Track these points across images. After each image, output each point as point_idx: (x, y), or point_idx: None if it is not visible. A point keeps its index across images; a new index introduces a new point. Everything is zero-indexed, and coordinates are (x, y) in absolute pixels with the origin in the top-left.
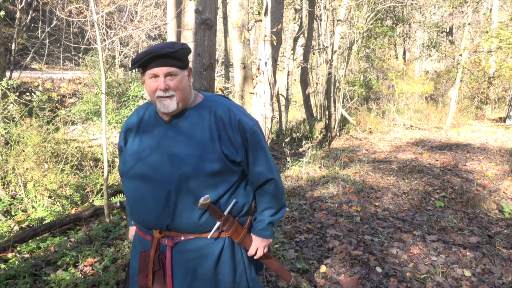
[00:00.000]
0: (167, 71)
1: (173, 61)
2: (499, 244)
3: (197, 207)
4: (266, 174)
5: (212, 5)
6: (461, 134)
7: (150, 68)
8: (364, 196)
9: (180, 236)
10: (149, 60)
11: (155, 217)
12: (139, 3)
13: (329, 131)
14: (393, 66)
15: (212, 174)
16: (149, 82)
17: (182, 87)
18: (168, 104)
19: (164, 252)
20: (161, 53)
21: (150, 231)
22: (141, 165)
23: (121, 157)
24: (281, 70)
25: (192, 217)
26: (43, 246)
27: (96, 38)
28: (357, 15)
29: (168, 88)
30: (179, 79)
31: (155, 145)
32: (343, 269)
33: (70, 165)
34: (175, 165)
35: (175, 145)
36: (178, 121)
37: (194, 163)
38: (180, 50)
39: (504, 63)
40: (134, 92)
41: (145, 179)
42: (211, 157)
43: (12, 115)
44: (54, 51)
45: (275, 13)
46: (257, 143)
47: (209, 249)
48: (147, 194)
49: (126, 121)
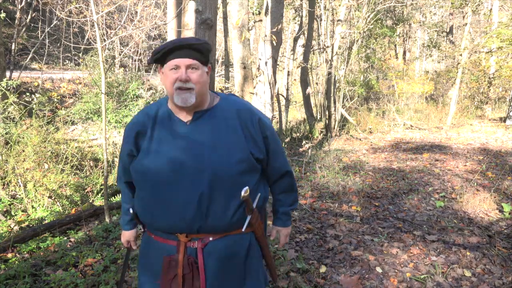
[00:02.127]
0: (190, 62)
1: (196, 54)
2: (499, 244)
3: (234, 203)
4: (284, 167)
5: (212, 5)
6: (461, 134)
7: (171, 59)
8: (364, 196)
9: (208, 237)
10: (171, 50)
11: (186, 221)
12: (139, 3)
13: (329, 131)
14: (393, 66)
15: (242, 173)
16: (169, 73)
17: (202, 82)
18: (187, 97)
19: (193, 255)
20: (186, 43)
21: (173, 235)
22: (167, 168)
23: (136, 162)
24: (281, 70)
25: (226, 216)
26: (43, 246)
27: (96, 38)
28: (357, 15)
29: (188, 80)
30: (200, 73)
31: (180, 147)
32: (343, 269)
33: (70, 165)
34: (206, 166)
35: (202, 146)
36: (201, 121)
37: (224, 163)
38: (204, 44)
39: (505, 63)
40: (132, 91)
41: (172, 183)
42: (240, 157)
43: (12, 116)
44: (54, 51)
45: (275, 13)
46: (276, 140)
47: (238, 246)
48: (175, 198)
49: (133, 123)
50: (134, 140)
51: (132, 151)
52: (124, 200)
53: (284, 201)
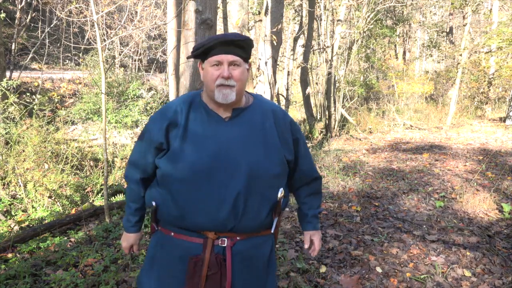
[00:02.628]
0: (232, 59)
1: (239, 50)
2: (499, 244)
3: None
4: (314, 172)
5: (212, 5)
6: (461, 134)
7: (214, 55)
8: (364, 196)
9: (236, 237)
10: (215, 46)
11: (219, 219)
12: (139, 3)
13: (329, 131)
14: (393, 66)
15: (277, 175)
16: (211, 69)
17: (243, 79)
18: (228, 93)
19: (220, 253)
20: (230, 39)
21: (199, 233)
22: (206, 164)
23: (170, 155)
24: (281, 70)
25: (259, 217)
26: (43, 246)
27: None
28: (357, 15)
29: (230, 77)
30: (241, 70)
31: (220, 143)
32: (343, 269)
33: (70, 165)
34: (244, 165)
35: (241, 145)
36: (239, 119)
37: (262, 163)
38: (247, 40)
39: (504, 63)
40: (133, 91)
41: (210, 179)
42: (277, 159)
43: (12, 116)
44: (54, 51)
45: (275, 13)
46: (305, 143)
47: (264, 247)
48: (211, 195)
49: (163, 114)
50: (165, 132)
51: (163, 144)
52: (132, 199)
53: (312, 204)
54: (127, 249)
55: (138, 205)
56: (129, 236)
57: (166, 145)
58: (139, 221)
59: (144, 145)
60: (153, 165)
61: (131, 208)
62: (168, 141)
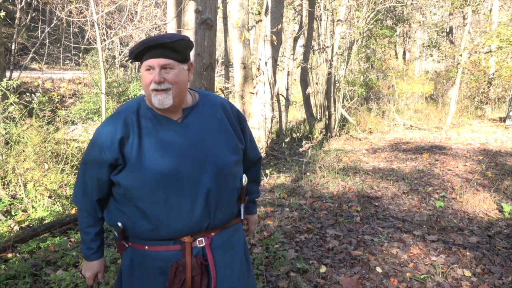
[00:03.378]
0: (163, 63)
1: (170, 53)
2: (499, 244)
3: (234, 195)
4: (257, 153)
5: (212, 5)
6: (461, 134)
7: (145, 59)
8: (364, 196)
9: (210, 233)
10: (144, 51)
11: (195, 221)
12: (139, 3)
13: (329, 131)
14: (393, 66)
15: (236, 163)
16: (145, 74)
17: (180, 81)
18: (163, 98)
19: (200, 254)
20: (157, 43)
21: (175, 240)
22: (171, 171)
23: (129, 170)
24: (281, 70)
25: (230, 209)
26: (43, 246)
27: (96, 38)
28: (357, 15)
29: (163, 81)
30: (176, 72)
31: (180, 147)
32: (343, 269)
33: (70, 165)
34: (209, 162)
35: (201, 142)
36: (191, 118)
37: (223, 156)
38: (179, 41)
39: (504, 63)
40: (133, 91)
41: (179, 185)
42: (233, 148)
43: (12, 116)
44: (54, 51)
45: (275, 13)
46: (249, 129)
47: (237, 235)
48: (183, 200)
49: (111, 129)
50: (118, 147)
51: (118, 160)
52: (89, 224)
53: (251, 190)
54: (91, 279)
55: (97, 228)
56: (92, 264)
57: (122, 160)
58: (100, 246)
59: (95, 164)
60: (108, 184)
61: (90, 234)
62: (123, 155)
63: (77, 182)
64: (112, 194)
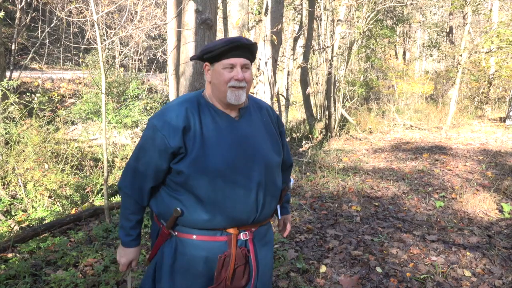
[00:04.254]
0: (245, 62)
1: (249, 54)
2: (499, 244)
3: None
4: (290, 159)
5: (212, 5)
6: (461, 134)
7: (228, 58)
8: (364, 196)
9: (251, 228)
10: (230, 50)
11: (247, 212)
12: (139, 3)
13: (329, 131)
14: (393, 66)
15: (279, 165)
16: (223, 71)
17: (251, 81)
18: (240, 94)
19: (243, 246)
20: (243, 43)
21: (222, 231)
22: (231, 163)
23: (193, 158)
24: (281, 70)
25: (273, 205)
26: (43, 246)
27: (96, 38)
28: (357, 15)
29: (243, 79)
30: (250, 72)
31: (238, 141)
32: (343, 269)
33: (70, 165)
34: (260, 158)
35: (254, 140)
36: (246, 117)
37: (271, 154)
38: (255, 45)
39: (504, 63)
40: (133, 91)
41: (234, 175)
42: (278, 150)
43: (12, 116)
44: (54, 51)
45: (275, 13)
46: (284, 134)
47: (270, 232)
48: (237, 190)
49: (172, 118)
50: (182, 136)
51: (181, 148)
52: (133, 211)
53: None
54: (125, 266)
55: (139, 216)
56: (130, 251)
57: (184, 149)
58: (139, 234)
59: (155, 152)
60: (166, 171)
61: (131, 221)
62: (185, 144)
63: (127, 168)
64: (164, 183)
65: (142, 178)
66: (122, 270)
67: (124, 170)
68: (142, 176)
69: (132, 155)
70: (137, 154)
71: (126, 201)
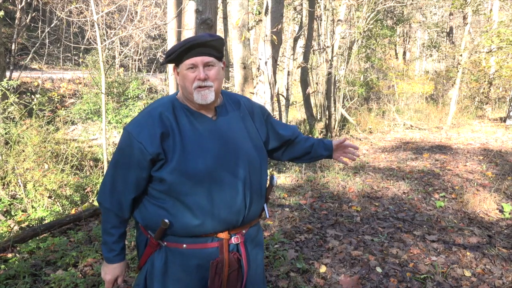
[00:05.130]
0: (206, 60)
1: (211, 51)
2: (499, 244)
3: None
4: (295, 131)
5: (212, 5)
6: (461, 134)
7: (188, 58)
8: (364, 196)
9: (242, 231)
10: (187, 50)
11: (236, 212)
12: (139, 3)
13: (329, 131)
14: (393, 66)
15: (263, 160)
16: (187, 73)
17: (219, 78)
18: (207, 94)
19: (235, 250)
20: (201, 41)
21: (212, 237)
22: (213, 165)
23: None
24: (281, 70)
25: (260, 205)
26: (43, 246)
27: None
28: (358, 15)
29: (207, 78)
30: (217, 69)
31: (218, 142)
32: (343, 269)
33: (70, 165)
34: (240, 157)
35: (234, 138)
36: (223, 116)
37: (253, 152)
38: (218, 40)
39: (505, 63)
40: (132, 91)
41: (219, 177)
42: (260, 146)
43: (12, 116)
44: (54, 51)
45: (275, 13)
46: (272, 116)
47: (260, 233)
48: (224, 192)
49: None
50: (160, 142)
51: (160, 154)
52: (115, 225)
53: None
54: (111, 283)
55: (121, 230)
56: (114, 266)
57: (163, 155)
58: (123, 248)
59: (133, 161)
60: (146, 180)
61: (113, 236)
62: (164, 150)
63: (104, 181)
64: (146, 192)
65: (122, 189)
66: (109, 287)
67: (101, 183)
68: (122, 188)
69: (109, 167)
70: (114, 165)
71: (106, 215)
